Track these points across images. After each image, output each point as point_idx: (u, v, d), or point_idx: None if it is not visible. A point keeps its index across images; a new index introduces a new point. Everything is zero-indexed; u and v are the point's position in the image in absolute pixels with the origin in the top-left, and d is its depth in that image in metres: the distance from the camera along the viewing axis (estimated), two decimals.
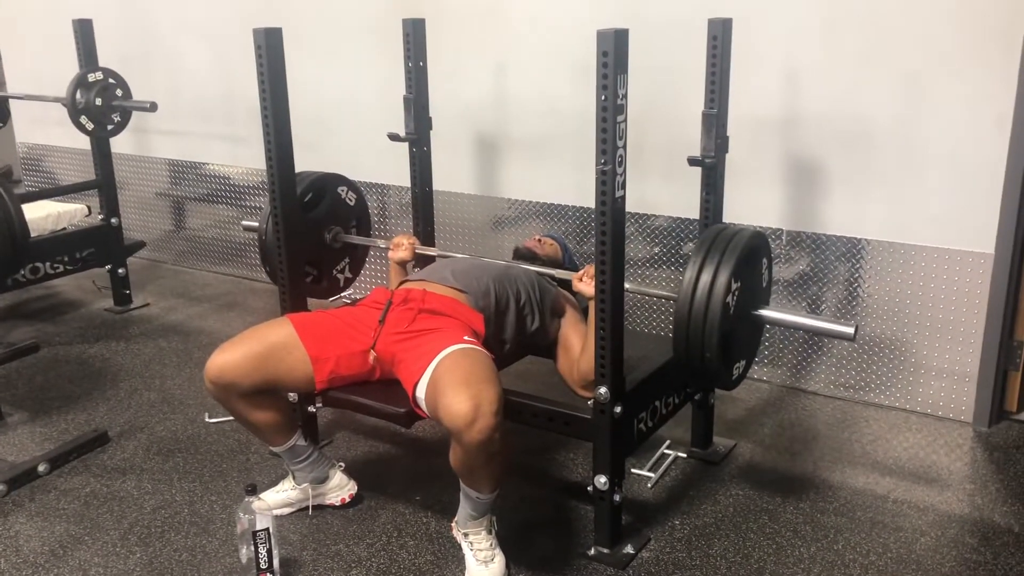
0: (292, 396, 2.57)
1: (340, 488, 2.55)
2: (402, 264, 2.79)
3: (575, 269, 2.60)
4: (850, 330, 2.16)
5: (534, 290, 2.51)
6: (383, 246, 2.87)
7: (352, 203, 2.97)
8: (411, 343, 2.25)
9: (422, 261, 2.85)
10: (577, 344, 2.46)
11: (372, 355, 2.29)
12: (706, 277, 2.11)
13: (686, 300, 2.13)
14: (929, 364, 3.01)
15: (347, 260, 3.00)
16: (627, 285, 2.21)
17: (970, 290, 2.88)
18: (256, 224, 2.88)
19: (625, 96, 1.97)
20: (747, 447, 2.87)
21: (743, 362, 2.34)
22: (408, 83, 2.94)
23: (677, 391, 2.54)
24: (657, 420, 2.43)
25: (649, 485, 2.64)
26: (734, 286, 2.12)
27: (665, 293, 2.43)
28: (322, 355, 2.27)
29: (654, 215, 3.41)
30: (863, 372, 3.14)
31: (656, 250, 3.45)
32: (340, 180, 2.94)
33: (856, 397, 3.17)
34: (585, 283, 2.30)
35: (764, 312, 2.30)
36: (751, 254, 2.21)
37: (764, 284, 2.35)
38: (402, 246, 2.77)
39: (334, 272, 2.96)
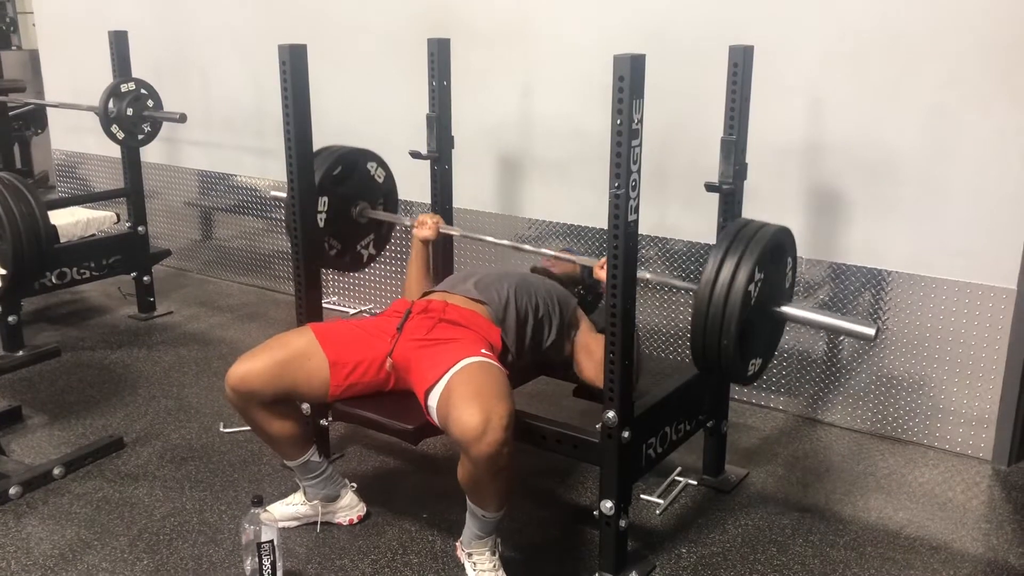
0: (305, 407, 2.58)
1: (350, 508, 2.55)
2: (425, 243, 2.80)
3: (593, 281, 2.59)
4: (871, 331, 2.12)
5: (552, 301, 2.51)
6: (408, 224, 2.88)
7: (381, 180, 2.97)
8: (428, 351, 2.27)
9: (442, 269, 2.85)
10: (598, 350, 2.44)
11: (388, 362, 2.30)
12: (729, 264, 2.10)
13: (708, 284, 2.11)
14: (948, 399, 2.97)
15: (372, 236, 2.99)
16: (647, 275, 2.17)
17: (991, 325, 2.84)
18: (284, 195, 2.84)
19: (640, 121, 1.97)
20: (759, 476, 2.84)
21: (760, 360, 2.29)
22: (432, 102, 2.97)
23: (689, 417, 2.52)
24: (667, 446, 2.41)
25: (658, 512, 2.62)
26: (757, 276, 2.10)
27: (686, 284, 2.39)
28: (340, 359, 2.28)
29: (673, 239, 3.40)
30: (880, 405, 3.10)
31: (674, 273, 3.43)
32: (370, 156, 2.93)
33: (873, 430, 3.13)
34: (606, 270, 2.29)
35: (785, 308, 2.26)
36: (776, 248, 2.19)
37: (787, 284, 2.31)
38: (426, 224, 2.79)
39: (358, 247, 2.96)
